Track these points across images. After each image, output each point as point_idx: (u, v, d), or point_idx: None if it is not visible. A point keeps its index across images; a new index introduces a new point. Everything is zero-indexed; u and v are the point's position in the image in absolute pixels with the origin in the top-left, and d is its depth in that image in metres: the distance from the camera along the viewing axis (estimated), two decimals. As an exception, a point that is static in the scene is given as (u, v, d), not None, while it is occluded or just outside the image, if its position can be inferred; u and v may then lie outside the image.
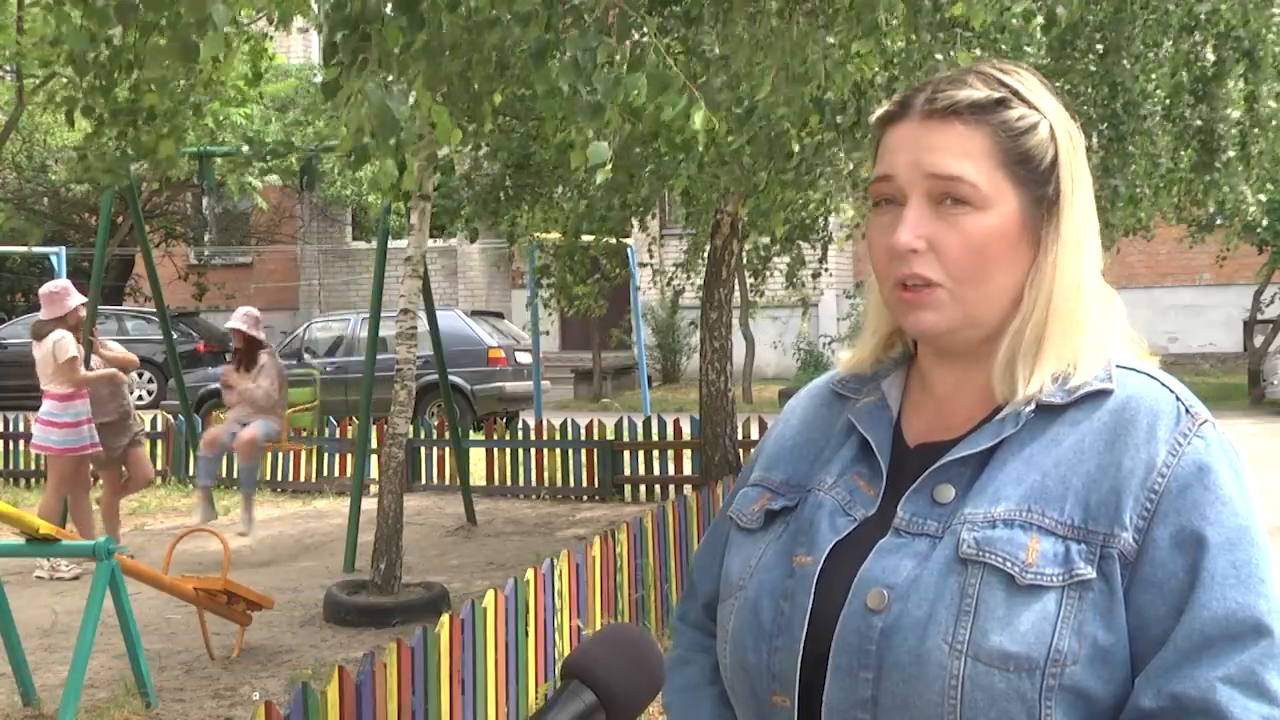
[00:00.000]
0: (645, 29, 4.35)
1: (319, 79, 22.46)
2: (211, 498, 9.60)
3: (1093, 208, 1.33)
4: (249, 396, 9.43)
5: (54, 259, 18.38)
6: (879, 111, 1.36)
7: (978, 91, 1.29)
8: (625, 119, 4.57)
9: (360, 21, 4.08)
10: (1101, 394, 1.27)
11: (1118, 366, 1.29)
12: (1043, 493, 1.23)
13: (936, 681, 1.17)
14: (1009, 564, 1.19)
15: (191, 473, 11.57)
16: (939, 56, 5.62)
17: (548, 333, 22.35)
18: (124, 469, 9.03)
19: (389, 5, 4.24)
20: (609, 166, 4.37)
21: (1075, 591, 1.18)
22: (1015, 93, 1.30)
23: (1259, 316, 19.69)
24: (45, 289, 8.47)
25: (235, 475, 10.95)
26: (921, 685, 1.18)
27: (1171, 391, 1.27)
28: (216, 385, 16.78)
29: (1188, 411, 1.25)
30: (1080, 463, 1.23)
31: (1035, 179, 1.28)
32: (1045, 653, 1.16)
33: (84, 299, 8.61)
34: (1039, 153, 1.28)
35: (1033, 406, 1.27)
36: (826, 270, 13.94)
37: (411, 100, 4.38)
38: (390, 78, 4.22)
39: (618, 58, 4.30)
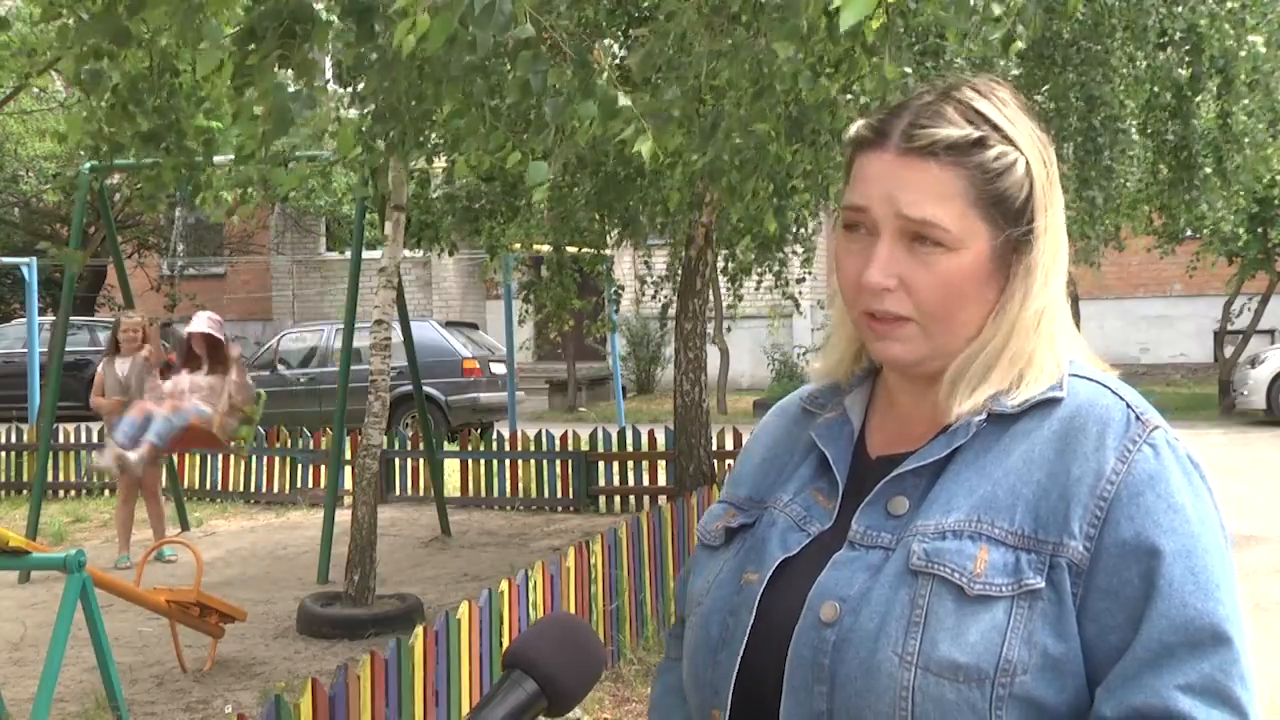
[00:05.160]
0: (618, 46, 4.35)
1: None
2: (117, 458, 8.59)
3: (1064, 235, 1.34)
4: (198, 384, 8.72)
5: (25, 269, 18.27)
6: (852, 132, 1.35)
7: (956, 130, 1.27)
8: (562, 141, 4.59)
9: (290, 19, 4.03)
10: (1052, 402, 1.27)
11: (1071, 375, 1.30)
12: (992, 502, 1.23)
13: (888, 693, 1.18)
14: (957, 575, 1.20)
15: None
16: (908, 81, 5.64)
17: (532, 346, 22.31)
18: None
19: (335, 12, 4.22)
20: (546, 186, 4.39)
21: (1025, 601, 1.18)
22: (994, 126, 1.29)
23: (1229, 327, 19.81)
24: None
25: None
26: (873, 697, 1.19)
27: (1122, 399, 1.27)
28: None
29: (1138, 418, 1.25)
30: (1030, 472, 1.24)
31: (1009, 218, 1.28)
32: (995, 663, 1.17)
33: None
34: (1014, 193, 1.28)
35: (984, 416, 1.28)
36: (810, 274, 13.97)
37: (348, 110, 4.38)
38: (304, 81, 4.20)
39: (568, 79, 4.30)
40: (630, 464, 11.30)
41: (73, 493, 12.49)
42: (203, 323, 9.03)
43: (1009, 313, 1.29)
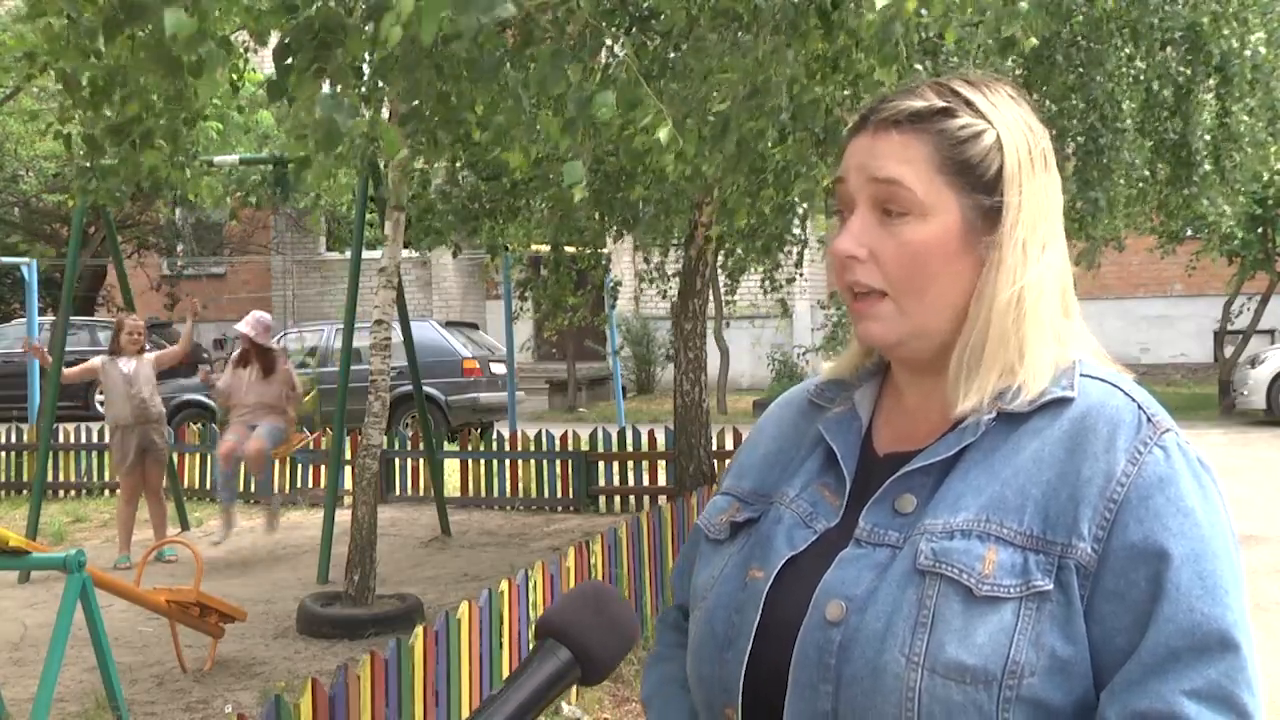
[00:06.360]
0: (619, 46, 4.35)
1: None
2: (232, 514, 9.74)
3: (1057, 219, 1.33)
4: (265, 398, 9.48)
5: (25, 269, 18.28)
6: (849, 124, 1.38)
7: (920, 102, 1.30)
8: (590, 137, 4.57)
9: (322, 31, 4.05)
10: (1063, 402, 1.26)
11: (1082, 375, 1.28)
12: (1001, 502, 1.22)
13: (894, 694, 1.17)
14: (965, 576, 1.19)
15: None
16: (886, 80, 5.64)
17: (536, 349, 22.29)
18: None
19: (357, 15, 4.23)
20: (583, 185, 4.38)
21: (1033, 603, 1.17)
22: (967, 102, 1.30)
23: (1229, 327, 19.81)
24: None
25: (253, 489, 11.20)
26: (879, 698, 1.18)
27: (1133, 400, 1.26)
28: (189, 396, 16.85)
29: (1149, 420, 1.24)
30: (1040, 472, 1.23)
31: (979, 188, 1.28)
32: (1002, 664, 1.16)
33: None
34: (981, 161, 1.28)
35: (994, 414, 1.27)
36: (800, 275, 13.97)
37: (365, 114, 4.38)
38: (340, 89, 4.21)
39: (589, 73, 4.31)
40: (630, 464, 11.30)
41: (73, 493, 12.50)
42: (246, 323, 9.56)
43: (987, 292, 1.28)
